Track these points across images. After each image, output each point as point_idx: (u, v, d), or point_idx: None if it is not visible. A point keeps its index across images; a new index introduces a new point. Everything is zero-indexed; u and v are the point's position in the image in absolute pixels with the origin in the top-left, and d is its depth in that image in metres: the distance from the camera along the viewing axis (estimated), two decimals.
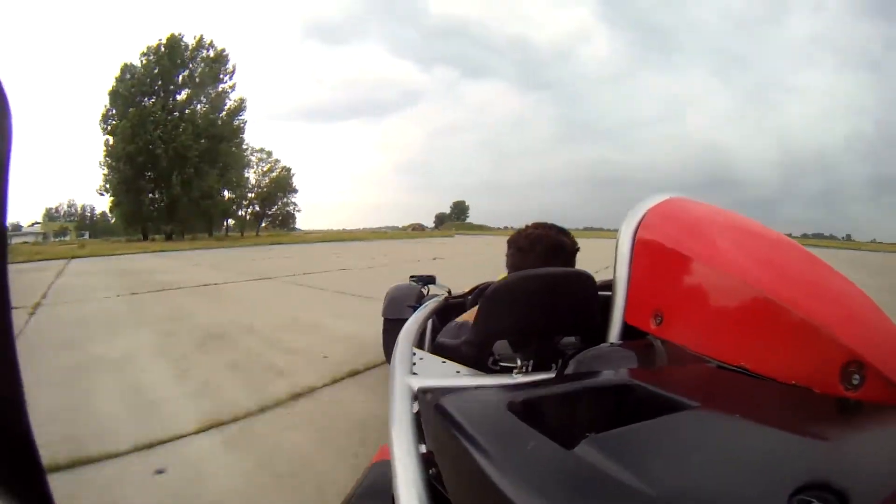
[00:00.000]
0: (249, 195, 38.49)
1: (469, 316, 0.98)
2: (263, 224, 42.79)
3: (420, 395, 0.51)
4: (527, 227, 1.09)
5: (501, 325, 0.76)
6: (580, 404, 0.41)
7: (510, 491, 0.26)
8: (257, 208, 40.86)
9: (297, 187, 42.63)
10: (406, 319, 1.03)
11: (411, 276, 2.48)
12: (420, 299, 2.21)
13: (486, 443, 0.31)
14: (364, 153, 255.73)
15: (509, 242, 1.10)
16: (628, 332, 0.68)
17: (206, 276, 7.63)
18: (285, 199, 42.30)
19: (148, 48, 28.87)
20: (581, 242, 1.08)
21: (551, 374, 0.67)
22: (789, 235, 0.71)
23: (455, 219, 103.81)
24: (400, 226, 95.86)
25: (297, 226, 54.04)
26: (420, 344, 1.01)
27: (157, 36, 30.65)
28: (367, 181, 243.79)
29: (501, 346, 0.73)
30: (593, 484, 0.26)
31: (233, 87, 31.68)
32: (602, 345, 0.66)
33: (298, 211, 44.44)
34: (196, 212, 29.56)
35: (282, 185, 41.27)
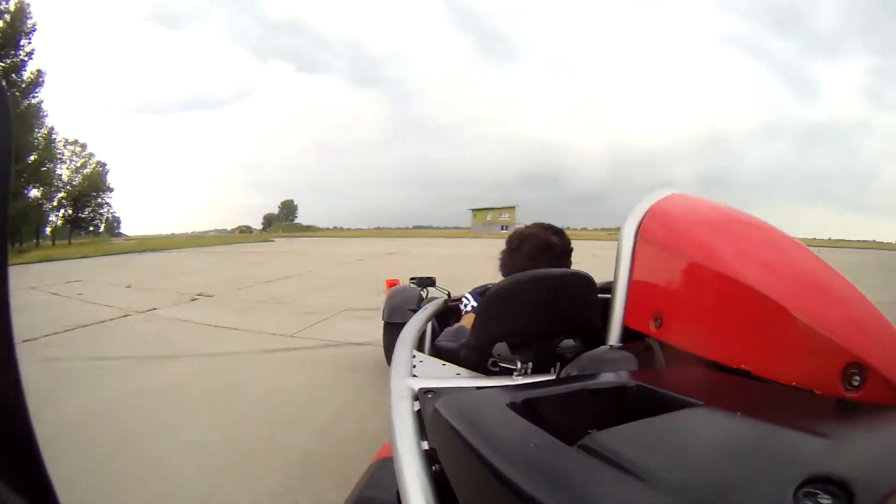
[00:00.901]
0: (58, 195, 30.72)
1: (468, 319, 1.00)
2: (90, 229, 36.39)
3: (421, 396, 0.51)
4: (525, 226, 1.12)
5: (500, 327, 0.77)
6: (581, 403, 0.42)
7: (514, 485, 0.27)
8: (69, 211, 33.26)
9: (112, 185, 36.36)
10: (406, 322, 1.01)
11: (411, 279, 2.44)
12: (420, 302, 2.20)
13: (489, 439, 0.32)
14: (198, 150, 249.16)
15: (506, 242, 1.12)
16: (628, 334, 0.68)
17: None
18: (99, 200, 35.63)
19: None
20: (408, 242, 1.04)
21: (551, 377, 0.68)
22: (616, 229, 0.74)
23: (284, 219, 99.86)
24: (229, 228, 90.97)
25: (122, 230, 46.16)
26: (420, 347, 0.99)
27: None
28: (200, 180, 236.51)
29: (501, 348, 0.74)
30: (597, 479, 0.27)
31: (30, 54, 23.14)
32: (601, 347, 0.67)
33: (113, 213, 38.78)
34: None
35: (94, 182, 34.40)
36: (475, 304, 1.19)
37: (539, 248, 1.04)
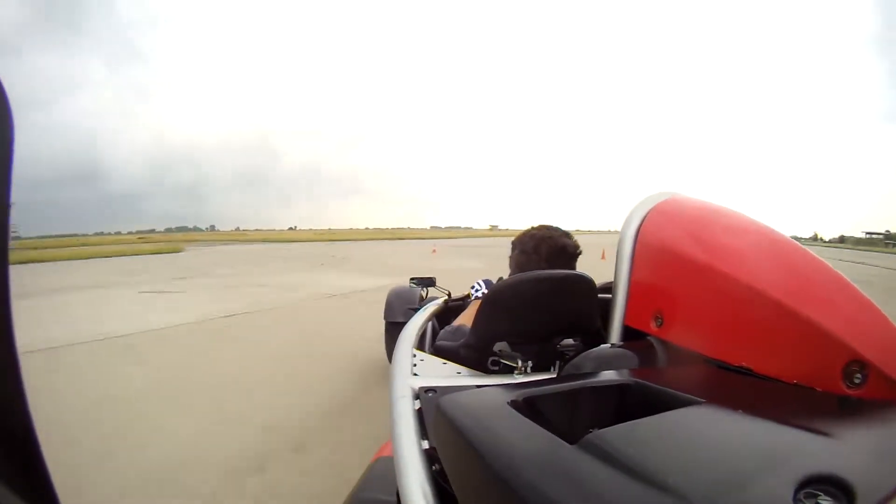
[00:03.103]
0: None
1: (468, 318, 1.00)
2: None
3: (421, 395, 0.51)
4: (532, 228, 1.11)
5: (500, 327, 0.77)
6: (582, 402, 0.42)
7: (515, 485, 0.27)
8: None
9: None
10: (406, 322, 1.02)
11: (411, 279, 2.46)
12: (420, 302, 2.22)
13: (489, 438, 0.32)
14: None
15: (514, 244, 1.11)
16: (629, 334, 0.68)
17: None
18: None
19: None
20: None
21: (552, 375, 0.69)
22: (153, 231, 0.75)
23: None
24: None
25: None
26: (420, 346, 1.00)
27: None
28: None
29: (501, 347, 0.74)
30: (597, 478, 0.27)
31: None
32: (602, 346, 0.67)
33: None
34: None
35: None
36: (486, 290, 1.17)
37: (556, 250, 1.04)
